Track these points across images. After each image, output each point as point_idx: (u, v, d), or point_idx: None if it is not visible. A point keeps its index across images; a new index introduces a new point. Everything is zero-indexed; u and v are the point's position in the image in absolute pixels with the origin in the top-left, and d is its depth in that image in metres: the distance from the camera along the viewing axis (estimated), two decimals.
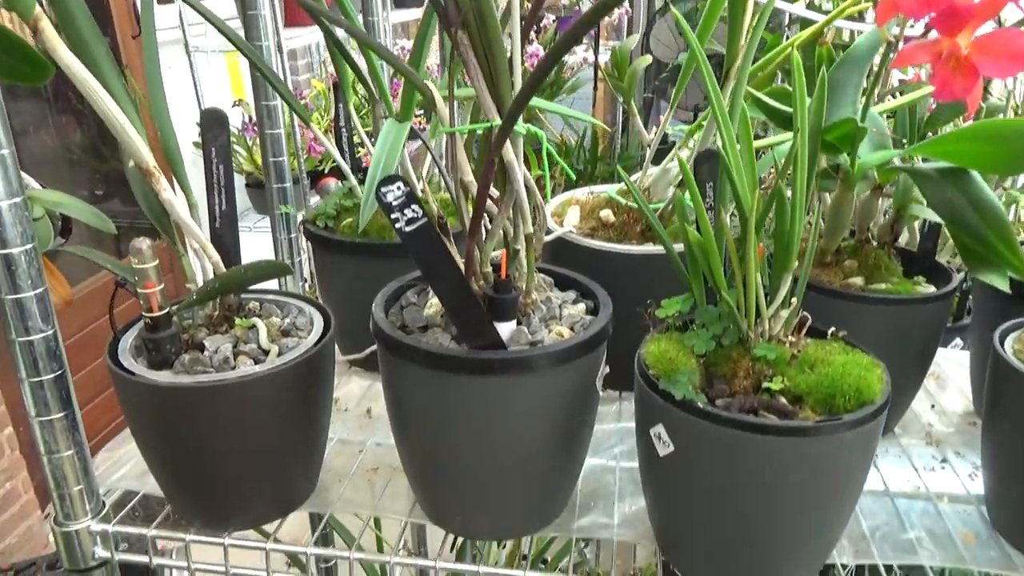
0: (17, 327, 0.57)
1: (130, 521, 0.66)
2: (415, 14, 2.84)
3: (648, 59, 1.00)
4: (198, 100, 2.00)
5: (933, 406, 0.83)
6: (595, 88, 1.61)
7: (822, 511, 0.53)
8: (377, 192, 0.48)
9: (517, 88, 0.54)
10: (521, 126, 0.55)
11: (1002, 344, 0.63)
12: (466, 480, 0.60)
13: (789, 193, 0.52)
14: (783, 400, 0.52)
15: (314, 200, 1.72)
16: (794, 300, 0.55)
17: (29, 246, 0.56)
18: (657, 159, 0.81)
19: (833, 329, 0.59)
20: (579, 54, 2.43)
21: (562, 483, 0.63)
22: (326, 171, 2.69)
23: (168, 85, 0.63)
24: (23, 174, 1.06)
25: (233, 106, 2.66)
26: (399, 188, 0.48)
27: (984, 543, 0.63)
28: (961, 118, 0.76)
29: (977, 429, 0.70)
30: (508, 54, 0.54)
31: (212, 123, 0.64)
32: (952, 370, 0.91)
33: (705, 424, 0.50)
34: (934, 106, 0.74)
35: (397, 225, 0.49)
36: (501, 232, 0.58)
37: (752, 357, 0.54)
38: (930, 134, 0.74)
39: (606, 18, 2.83)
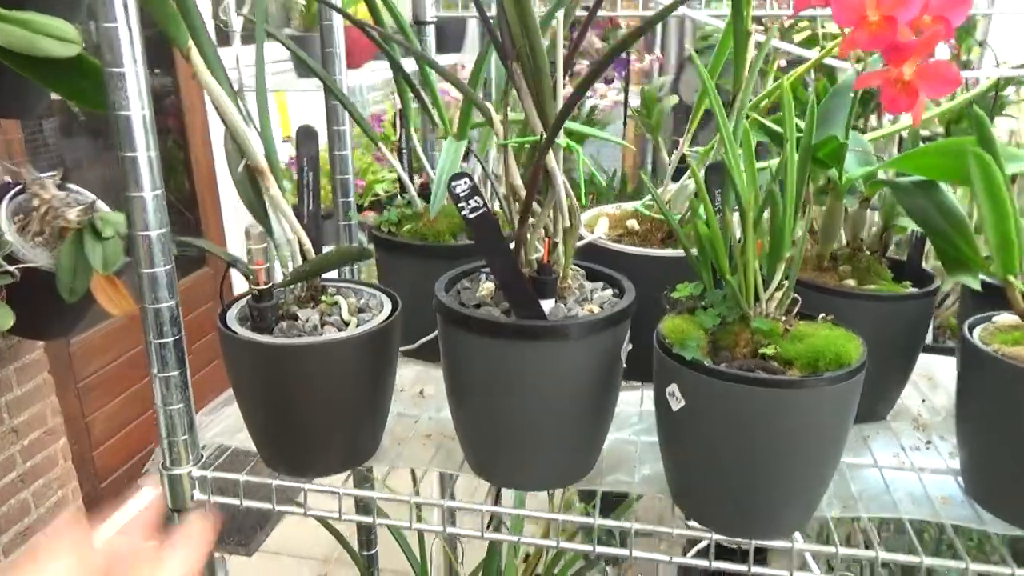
0: (148, 297, 0.70)
1: (222, 470, 0.78)
2: (455, 59, 3.06)
3: (675, 99, 1.12)
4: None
5: (924, 400, 0.93)
6: (624, 125, 1.75)
7: (808, 458, 0.64)
8: (449, 185, 0.60)
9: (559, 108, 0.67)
10: (561, 139, 0.68)
11: (971, 333, 0.73)
12: (510, 436, 0.71)
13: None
14: (775, 364, 0.63)
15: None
16: (786, 282, 0.66)
17: (164, 230, 0.69)
18: (676, 178, 0.94)
19: (823, 315, 0.70)
20: (610, 98, 2.60)
21: (590, 442, 0.74)
22: (365, 205, 2.88)
23: None
24: (97, 199, 1.22)
25: (283, 142, 2.86)
26: (465, 182, 0.61)
27: (957, 505, 0.73)
28: None
29: None
30: (552, 82, 0.67)
31: (306, 138, 0.78)
32: (945, 374, 1.00)
33: (709, 380, 0.61)
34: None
35: (463, 212, 0.61)
36: (543, 228, 0.71)
37: (751, 330, 0.66)
38: None
39: (638, 64, 3.01)
